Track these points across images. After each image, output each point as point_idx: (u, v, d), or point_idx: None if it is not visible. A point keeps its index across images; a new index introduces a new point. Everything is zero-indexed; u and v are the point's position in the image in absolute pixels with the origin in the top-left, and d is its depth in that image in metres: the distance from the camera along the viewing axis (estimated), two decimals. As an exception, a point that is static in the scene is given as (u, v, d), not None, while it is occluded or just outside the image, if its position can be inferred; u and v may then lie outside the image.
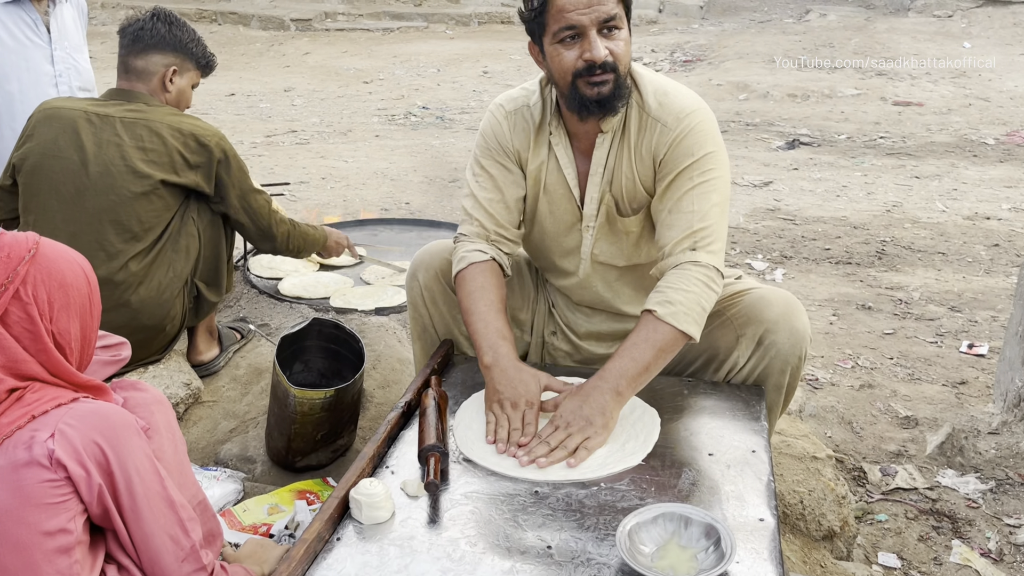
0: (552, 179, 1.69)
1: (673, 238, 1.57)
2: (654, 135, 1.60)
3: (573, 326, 1.84)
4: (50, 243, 1.23)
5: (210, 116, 6.22)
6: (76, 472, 1.12)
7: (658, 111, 1.60)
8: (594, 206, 1.68)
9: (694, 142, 1.58)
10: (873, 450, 2.46)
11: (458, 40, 9.06)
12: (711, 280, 1.54)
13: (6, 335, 1.16)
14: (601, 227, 1.70)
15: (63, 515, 1.13)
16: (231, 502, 1.82)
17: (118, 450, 1.15)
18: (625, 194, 1.66)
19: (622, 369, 1.48)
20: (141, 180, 2.01)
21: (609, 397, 1.46)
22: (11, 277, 1.16)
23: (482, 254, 1.68)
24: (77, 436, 1.13)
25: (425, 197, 4.49)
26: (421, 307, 1.81)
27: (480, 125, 1.75)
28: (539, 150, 1.69)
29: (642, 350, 1.49)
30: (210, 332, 2.38)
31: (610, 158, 1.65)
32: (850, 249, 3.96)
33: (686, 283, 1.52)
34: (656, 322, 1.50)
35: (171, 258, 2.09)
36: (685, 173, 1.58)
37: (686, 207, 1.57)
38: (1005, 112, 6.14)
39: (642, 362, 1.48)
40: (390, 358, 2.39)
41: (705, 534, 1.17)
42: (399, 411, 1.52)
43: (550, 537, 1.23)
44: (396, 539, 1.23)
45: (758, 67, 7.35)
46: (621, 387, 1.47)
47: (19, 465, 1.11)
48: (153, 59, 2.09)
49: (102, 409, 1.17)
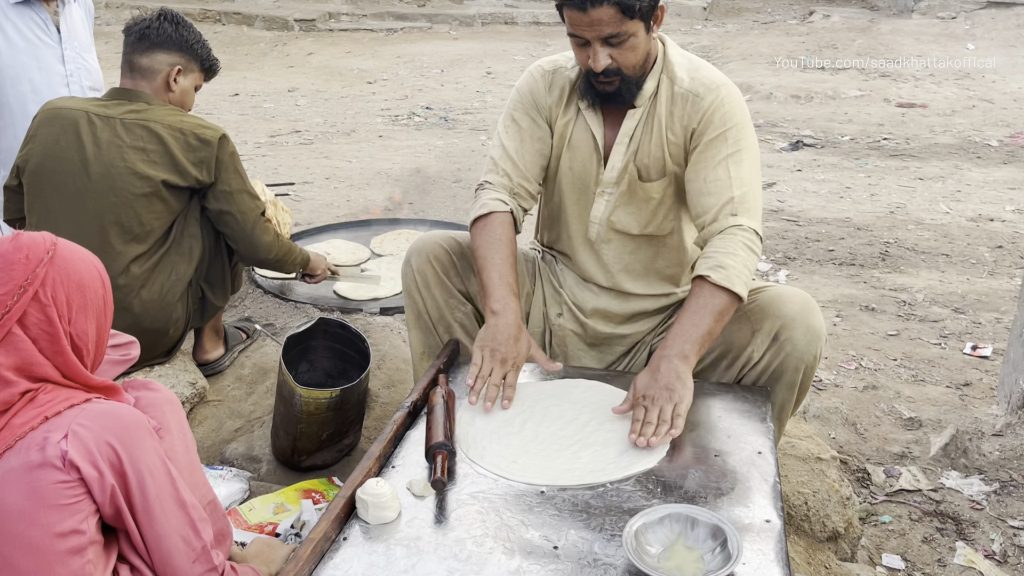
0: (578, 136, 1.76)
1: (714, 205, 1.63)
2: (687, 106, 1.67)
3: (580, 303, 1.86)
4: (66, 243, 1.23)
5: (214, 116, 6.23)
6: (89, 473, 1.13)
7: (691, 84, 1.68)
8: (615, 173, 1.74)
9: (727, 112, 1.66)
10: (877, 451, 2.46)
11: (462, 41, 9.07)
12: (754, 243, 1.61)
13: (24, 337, 1.16)
14: (622, 195, 1.76)
15: (76, 516, 1.13)
16: (237, 501, 1.82)
17: (131, 450, 1.15)
18: (651, 162, 1.72)
19: (685, 334, 1.53)
20: (142, 181, 2.00)
21: (678, 362, 1.51)
22: (30, 279, 1.17)
23: (503, 204, 1.75)
24: (90, 437, 1.13)
25: (428, 197, 4.50)
26: (415, 292, 1.83)
27: (517, 83, 1.83)
28: (569, 109, 1.76)
29: (702, 316, 1.55)
30: (216, 332, 2.39)
31: (637, 130, 1.72)
32: (854, 250, 3.96)
33: (733, 247, 1.58)
34: (711, 287, 1.56)
35: (174, 261, 2.08)
36: (718, 140, 1.65)
37: (722, 175, 1.63)
38: (1009, 114, 6.14)
39: (703, 327, 1.54)
40: (395, 358, 2.40)
41: (712, 535, 1.17)
42: (405, 411, 1.52)
43: (556, 537, 1.23)
44: (403, 539, 1.24)
45: (761, 68, 7.35)
46: (687, 351, 1.52)
47: (32, 466, 1.11)
48: (158, 58, 2.09)
49: (115, 409, 1.18)
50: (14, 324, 1.15)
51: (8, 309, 1.15)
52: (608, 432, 1.50)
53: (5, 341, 1.15)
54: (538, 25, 9.58)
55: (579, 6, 1.54)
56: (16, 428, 1.13)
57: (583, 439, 1.48)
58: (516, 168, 1.77)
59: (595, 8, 1.53)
